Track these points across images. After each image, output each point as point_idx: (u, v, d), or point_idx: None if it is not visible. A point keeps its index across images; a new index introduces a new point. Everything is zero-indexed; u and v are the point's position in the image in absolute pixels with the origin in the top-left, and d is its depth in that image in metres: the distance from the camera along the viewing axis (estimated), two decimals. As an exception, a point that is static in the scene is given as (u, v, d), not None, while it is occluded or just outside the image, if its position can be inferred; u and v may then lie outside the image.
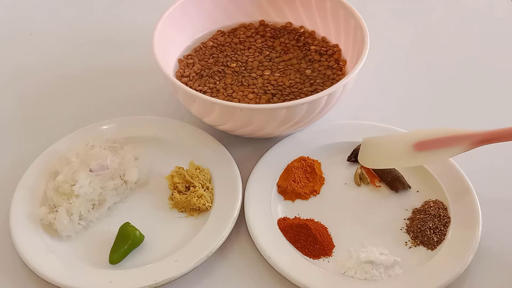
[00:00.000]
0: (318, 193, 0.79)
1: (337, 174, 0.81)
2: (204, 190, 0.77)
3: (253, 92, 0.83)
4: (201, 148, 0.82)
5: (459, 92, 0.94)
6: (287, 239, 0.73)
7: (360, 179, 0.80)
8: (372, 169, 0.80)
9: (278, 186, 0.79)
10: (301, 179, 0.79)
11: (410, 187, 0.78)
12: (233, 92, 0.83)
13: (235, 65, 0.87)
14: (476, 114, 0.91)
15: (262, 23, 0.94)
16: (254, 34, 0.92)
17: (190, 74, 0.86)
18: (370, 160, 0.76)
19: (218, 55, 0.89)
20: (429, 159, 0.74)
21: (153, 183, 0.80)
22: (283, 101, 0.81)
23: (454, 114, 0.91)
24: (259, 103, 0.81)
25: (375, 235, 0.74)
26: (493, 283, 0.71)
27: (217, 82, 0.85)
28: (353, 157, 0.81)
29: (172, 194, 0.77)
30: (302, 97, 0.81)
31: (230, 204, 0.75)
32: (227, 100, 0.80)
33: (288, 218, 0.76)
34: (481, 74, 0.98)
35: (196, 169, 0.79)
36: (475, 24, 1.07)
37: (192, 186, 0.77)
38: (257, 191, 0.77)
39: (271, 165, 0.80)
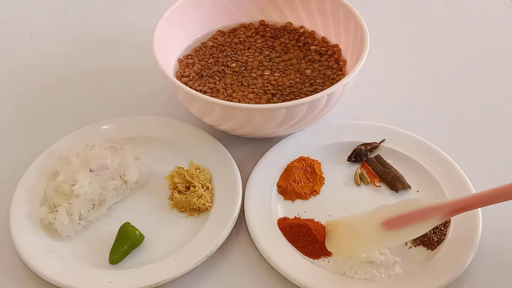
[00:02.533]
0: (318, 193, 0.79)
1: (337, 174, 0.81)
2: (204, 190, 0.77)
3: (253, 92, 0.83)
4: (201, 148, 0.82)
5: (459, 92, 0.94)
6: (287, 239, 0.73)
7: (360, 179, 0.80)
8: (372, 169, 0.80)
9: (278, 186, 0.79)
10: (301, 179, 0.79)
11: (410, 187, 0.78)
12: (233, 92, 0.83)
13: (235, 65, 0.87)
14: (476, 114, 0.91)
15: (262, 23, 0.94)
16: (254, 34, 0.92)
17: (190, 74, 0.86)
18: (338, 246, 0.71)
19: (218, 55, 0.89)
20: (401, 238, 0.69)
21: (153, 183, 0.80)
22: (283, 101, 0.81)
23: (454, 114, 0.91)
24: (259, 103, 0.81)
25: (375, 235, 0.74)
26: (493, 283, 0.71)
27: (217, 82, 0.85)
28: (353, 157, 0.81)
29: (172, 194, 0.77)
30: (302, 97, 0.81)
31: (230, 204, 0.75)
32: (227, 100, 0.80)
33: (288, 218, 0.76)
34: (481, 74, 0.98)
35: (196, 169, 0.79)
36: (476, 24, 1.07)
37: (192, 186, 0.77)
38: (257, 191, 0.77)
39: (271, 165, 0.80)
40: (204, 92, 0.82)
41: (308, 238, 0.73)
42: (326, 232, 0.73)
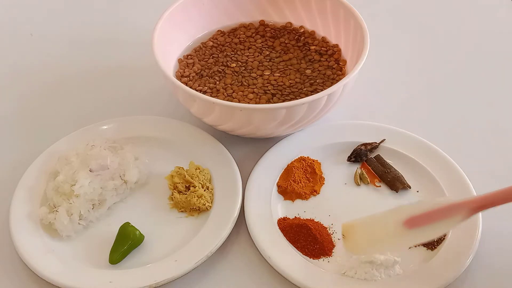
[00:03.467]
0: (318, 193, 0.79)
1: (337, 174, 0.81)
2: (204, 190, 0.77)
3: (253, 92, 0.83)
4: (201, 148, 0.82)
5: (459, 92, 0.94)
6: (287, 239, 0.73)
7: (360, 179, 0.80)
8: (372, 169, 0.80)
9: (278, 186, 0.79)
10: (301, 179, 0.79)
11: (410, 187, 0.78)
12: (233, 92, 0.83)
13: (235, 65, 0.87)
14: (476, 114, 0.91)
15: (262, 23, 0.94)
16: (254, 34, 0.92)
17: (190, 74, 0.86)
18: (357, 245, 0.69)
19: (218, 55, 0.89)
20: (423, 236, 0.67)
21: (153, 183, 0.80)
22: (283, 101, 0.81)
23: (454, 114, 0.91)
24: (259, 103, 0.81)
25: (375, 235, 0.74)
26: (493, 283, 0.71)
27: (217, 82, 0.85)
28: (353, 157, 0.81)
29: (172, 194, 0.77)
30: (302, 97, 0.81)
31: (230, 204, 0.75)
32: (227, 100, 0.80)
33: (288, 218, 0.76)
34: (481, 74, 0.97)
35: (196, 169, 0.79)
36: (476, 24, 1.07)
37: (192, 186, 0.77)
38: (257, 191, 0.77)
39: (271, 165, 0.80)
40: (204, 92, 0.82)
41: (308, 238, 0.73)
42: (343, 235, 0.70)
